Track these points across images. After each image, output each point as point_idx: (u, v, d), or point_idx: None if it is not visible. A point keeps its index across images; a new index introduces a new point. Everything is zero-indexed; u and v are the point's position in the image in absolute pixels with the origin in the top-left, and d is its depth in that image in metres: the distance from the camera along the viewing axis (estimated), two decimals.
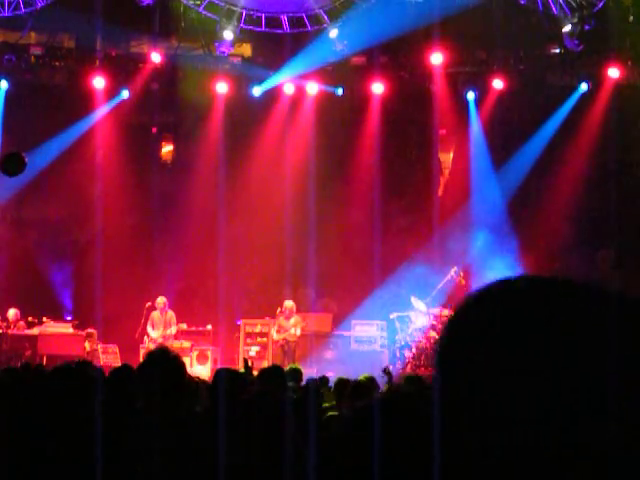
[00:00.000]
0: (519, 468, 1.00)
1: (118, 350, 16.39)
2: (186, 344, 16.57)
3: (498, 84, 18.77)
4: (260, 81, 19.14)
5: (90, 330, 16.35)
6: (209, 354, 16.59)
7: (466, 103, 19.18)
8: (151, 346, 16.13)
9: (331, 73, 19.10)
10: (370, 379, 6.85)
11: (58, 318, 17.48)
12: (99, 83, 18.76)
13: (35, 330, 16.39)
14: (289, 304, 16.57)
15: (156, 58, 18.72)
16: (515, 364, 1.00)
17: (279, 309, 16.64)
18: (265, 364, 15.26)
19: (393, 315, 16.70)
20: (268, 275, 18.09)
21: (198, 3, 18.29)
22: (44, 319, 16.87)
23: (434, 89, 18.83)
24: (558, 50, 18.87)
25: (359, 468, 1.65)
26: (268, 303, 17.33)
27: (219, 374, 5.50)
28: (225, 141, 18.36)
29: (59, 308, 18.56)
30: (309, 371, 13.09)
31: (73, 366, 4.30)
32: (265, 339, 16.91)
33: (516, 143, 18.75)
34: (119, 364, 9.44)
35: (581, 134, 18.46)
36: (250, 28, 18.70)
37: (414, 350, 15.81)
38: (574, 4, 17.29)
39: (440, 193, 19.56)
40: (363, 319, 17.20)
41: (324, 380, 9.11)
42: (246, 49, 20.19)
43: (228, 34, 18.21)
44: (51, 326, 16.66)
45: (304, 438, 3.35)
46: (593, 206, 18.28)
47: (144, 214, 18.72)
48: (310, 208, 16.56)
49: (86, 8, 17.00)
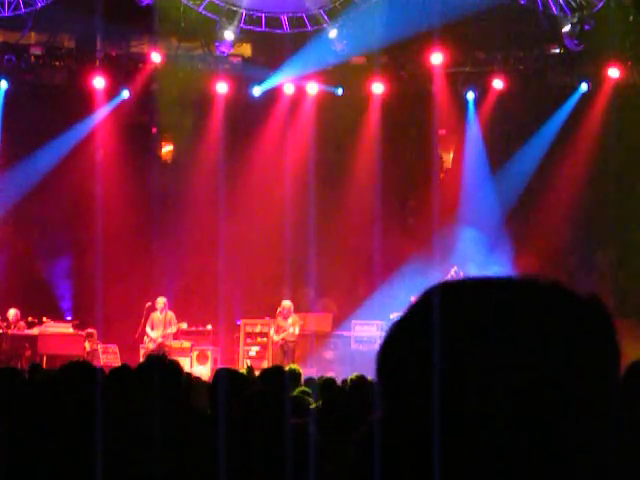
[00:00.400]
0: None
1: (118, 350, 16.40)
2: (186, 344, 16.58)
3: (498, 84, 18.78)
4: (260, 81, 19.15)
5: (90, 330, 16.35)
6: (209, 354, 16.59)
7: (466, 103, 19.19)
8: (151, 346, 16.15)
9: (331, 73, 19.10)
10: (360, 377, 6.91)
11: (58, 318, 17.47)
12: (99, 83, 18.76)
13: (35, 330, 16.37)
14: (287, 304, 16.56)
15: (156, 58, 18.72)
16: (446, 365, 1.01)
17: (278, 309, 16.65)
18: (265, 364, 15.27)
19: (393, 315, 16.68)
20: (268, 275, 18.07)
21: (198, 3, 18.29)
22: (44, 319, 16.86)
23: (434, 89, 18.83)
24: (558, 50, 18.86)
25: None
26: (268, 303, 17.32)
27: (219, 374, 5.51)
28: (225, 141, 18.34)
29: (59, 308, 18.56)
30: (309, 371, 13.09)
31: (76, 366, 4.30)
32: (265, 339, 16.91)
33: (516, 143, 18.75)
34: (119, 364, 9.45)
35: (581, 134, 18.45)
36: (250, 28, 18.71)
37: None
38: (574, 4, 17.28)
39: (440, 193, 19.55)
40: (363, 319, 17.20)
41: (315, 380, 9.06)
42: (246, 49, 20.20)
43: (228, 34, 18.22)
44: (51, 326, 16.66)
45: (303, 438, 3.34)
46: (593, 206, 18.26)
47: (144, 214, 18.69)
48: (310, 208, 16.55)
49: (86, 8, 16.99)
